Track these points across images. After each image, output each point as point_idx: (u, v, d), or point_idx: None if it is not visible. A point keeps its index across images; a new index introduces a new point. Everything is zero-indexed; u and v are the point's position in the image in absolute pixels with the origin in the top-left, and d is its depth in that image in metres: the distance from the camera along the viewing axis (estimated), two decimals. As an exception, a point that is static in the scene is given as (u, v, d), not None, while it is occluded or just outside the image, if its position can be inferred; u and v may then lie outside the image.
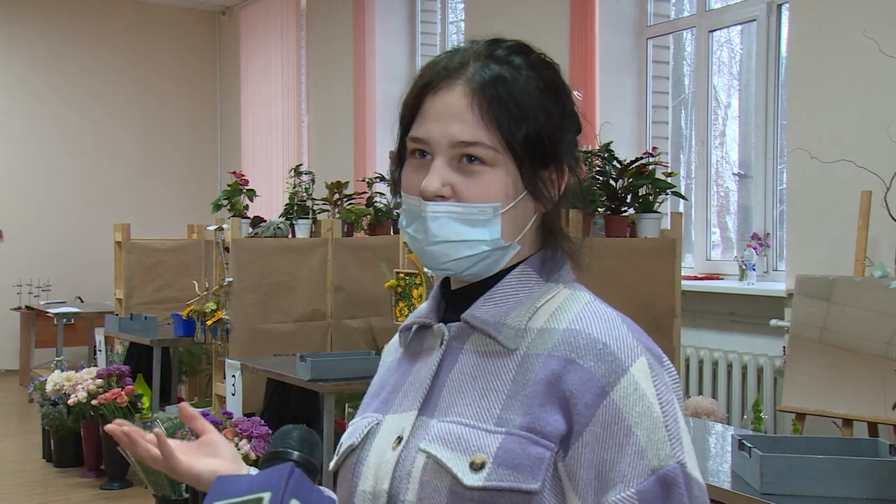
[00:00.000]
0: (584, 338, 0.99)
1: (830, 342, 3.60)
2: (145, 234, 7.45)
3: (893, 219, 3.55)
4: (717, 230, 5.37)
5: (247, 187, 5.41)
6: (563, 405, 0.96)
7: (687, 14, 5.51)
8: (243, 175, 5.51)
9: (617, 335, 0.99)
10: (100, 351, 6.54)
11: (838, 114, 4.16)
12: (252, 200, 5.45)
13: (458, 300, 1.08)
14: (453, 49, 1.08)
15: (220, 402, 5.10)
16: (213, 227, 5.35)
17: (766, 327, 4.38)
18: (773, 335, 4.40)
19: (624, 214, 3.76)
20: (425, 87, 1.05)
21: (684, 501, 0.94)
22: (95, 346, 6.78)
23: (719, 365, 4.66)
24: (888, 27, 3.92)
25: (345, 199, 5.67)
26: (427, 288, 3.70)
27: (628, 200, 3.76)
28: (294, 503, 0.91)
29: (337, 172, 6.40)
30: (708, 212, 5.26)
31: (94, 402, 5.15)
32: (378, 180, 5.83)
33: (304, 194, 5.60)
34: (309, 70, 8.60)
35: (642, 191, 3.74)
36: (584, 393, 0.96)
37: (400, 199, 1.08)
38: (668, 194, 3.83)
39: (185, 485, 4.12)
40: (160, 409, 5.63)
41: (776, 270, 4.76)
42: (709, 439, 2.96)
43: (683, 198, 4.51)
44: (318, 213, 5.58)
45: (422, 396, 1.05)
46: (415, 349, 1.12)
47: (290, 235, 5.48)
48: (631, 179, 3.72)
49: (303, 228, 5.50)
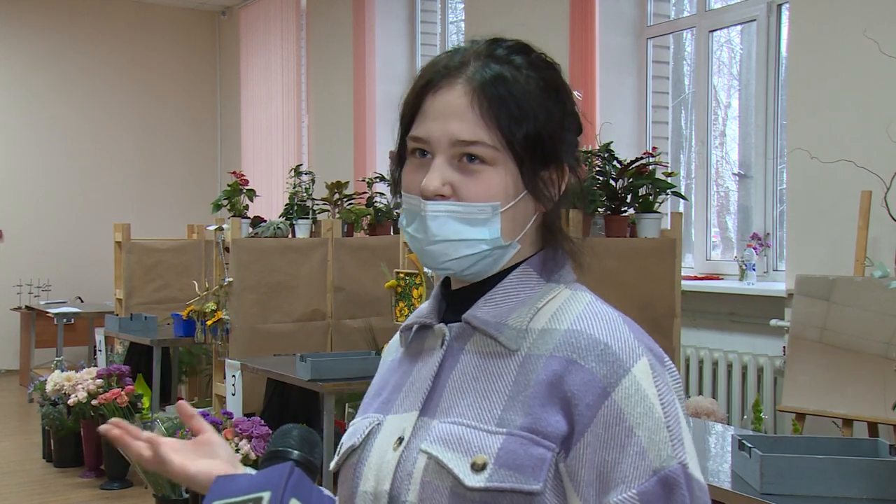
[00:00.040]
0: (586, 338, 0.98)
1: (830, 342, 3.60)
2: (145, 234, 7.45)
3: (893, 219, 3.54)
4: (717, 230, 5.37)
5: (247, 187, 5.41)
6: (565, 406, 0.96)
7: (687, 14, 5.51)
8: (243, 175, 5.50)
9: (618, 336, 0.99)
10: (100, 351, 6.54)
11: (838, 114, 4.16)
12: (252, 200, 5.45)
13: (458, 300, 1.08)
14: (454, 48, 1.08)
15: (220, 402, 5.09)
16: (213, 227, 5.34)
17: (766, 327, 4.38)
18: (773, 335, 4.40)
19: (624, 214, 3.76)
20: (426, 86, 1.05)
21: (686, 502, 0.94)
22: (95, 346, 6.78)
23: (719, 365, 4.66)
24: (888, 27, 3.91)
25: (345, 199, 5.67)
26: (427, 288, 3.70)
27: (628, 200, 3.75)
28: (294, 502, 0.91)
29: (337, 172, 6.39)
30: (708, 212, 5.26)
31: (94, 402, 5.15)
32: (378, 180, 5.82)
33: (304, 194, 5.60)
34: (309, 70, 8.59)
35: (642, 191, 3.74)
36: (585, 393, 0.95)
37: (400, 199, 1.08)
38: (668, 194, 3.83)
39: (185, 485, 4.11)
40: (160, 409, 5.63)
41: (776, 270, 4.76)
42: (709, 439, 2.95)
43: (683, 198, 4.51)
44: (318, 213, 5.57)
45: (423, 397, 1.04)
46: (415, 349, 1.11)
47: (290, 235, 5.48)
48: (631, 179, 3.72)
49: (303, 228, 5.50)
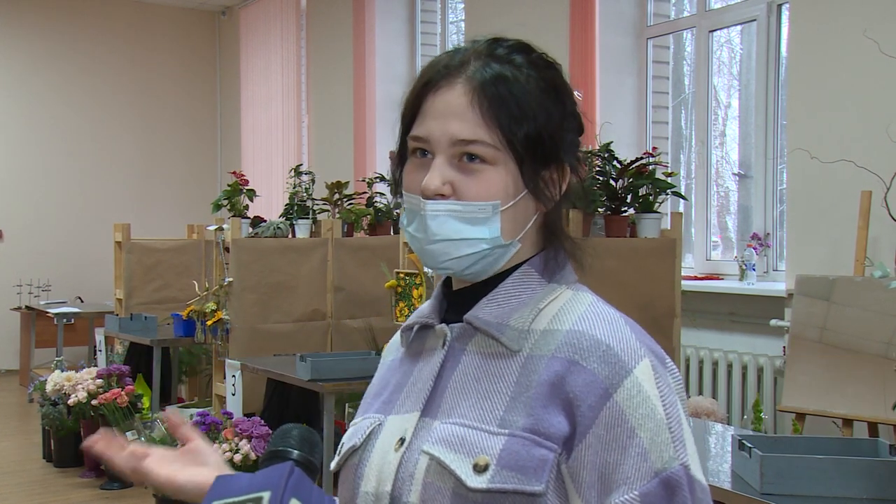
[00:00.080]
0: (588, 339, 0.98)
1: (830, 342, 3.60)
2: (145, 234, 7.44)
3: (893, 219, 3.54)
4: (718, 230, 5.37)
5: (247, 187, 5.41)
6: (567, 407, 0.96)
7: (687, 14, 5.51)
8: (243, 175, 5.50)
9: (620, 337, 0.99)
10: (100, 351, 6.54)
11: (838, 114, 4.16)
12: (252, 200, 5.45)
13: (460, 301, 1.08)
14: (455, 48, 1.08)
15: (220, 402, 5.09)
16: (213, 227, 5.34)
17: (766, 327, 4.38)
18: (773, 335, 4.40)
19: (624, 214, 3.76)
20: (426, 85, 1.05)
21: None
22: (95, 346, 6.78)
23: (719, 365, 4.66)
24: (888, 27, 3.91)
25: (345, 199, 5.67)
26: (427, 288, 3.70)
27: (628, 200, 3.75)
28: (294, 502, 0.91)
29: (337, 172, 6.39)
30: (708, 212, 5.26)
31: (94, 402, 5.15)
32: (378, 180, 5.82)
33: (304, 194, 5.59)
34: (309, 70, 8.59)
35: (642, 191, 3.74)
36: (587, 395, 0.95)
37: (401, 199, 1.08)
38: (668, 194, 3.83)
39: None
40: (160, 409, 5.63)
41: (776, 270, 4.76)
42: (709, 439, 2.95)
43: (683, 198, 4.51)
44: (318, 213, 5.57)
45: (424, 398, 1.04)
46: (416, 349, 1.11)
47: (290, 235, 5.47)
48: (631, 179, 3.72)
49: (303, 228, 5.50)
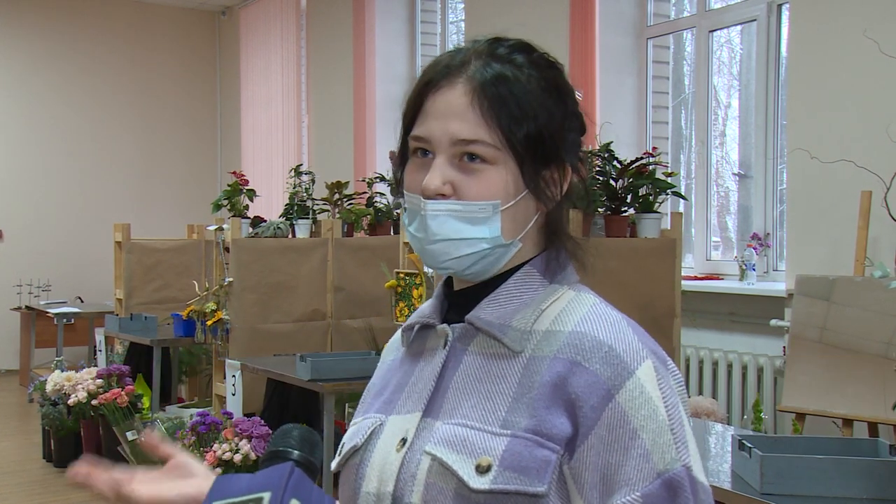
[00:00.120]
0: (590, 340, 0.98)
1: (830, 342, 3.60)
2: (145, 234, 7.44)
3: (893, 219, 3.54)
4: (718, 230, 5.37)
5: (247, 187, 5.41)
6: (569, 408, 0.96)
7: (687, 14, 5.51)
8: (243, 175, 5.50)
9: (622, 338, 0.99)
10: (100, 351, 6.53)
11: (838, 114, 4.16)
12: (252, 200, 5.44)
13: (461, 301, 1.08)
14: (456, 48, 1.08)
15: (220, 402, 5.09)
16: (213, 227, 5.34)
17: (766, 327, 4.38)
18: (773, 335, 4.40)
19: (624, 214, 3.76)
20: (427, 85, 1.05)
21: (690, 505, 0.94)
22: (95, 346, 6.78)
23: (719, 365, 4.66)
24: (888, 27, 3.91)
25: (345, 199, 5.67)
26: (427, 288, 3.70)
27: (628, 200, 3.75)
28: (294, 503, 0.91)
29: (337, 172, 6.39)
30: (708, 212, 5.26)
31: (94, 402, 5.15)
32: (378, 180, 5.82)
33: (304, 194, 5.59)
34: (309, 70, 8.59)
35: (642, 191, 3.74)
36: (589, 396, 0.95)
37: (402, 199, 1.08)
38: (668, 194, 3.83)
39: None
40: (160, 410, 5.63)
41: (776, 270, 4.76)
42: (709, 439, 2.95)
43: (683, 198, 4.51)
44: (318, 213, 5.57)
45: (426, 398, 1.04)
46: (417, 349, 1.11)
47: (290, 235, 5.47)
48: (631, 179, 3.72)
49: (303, 228, 5.50)
